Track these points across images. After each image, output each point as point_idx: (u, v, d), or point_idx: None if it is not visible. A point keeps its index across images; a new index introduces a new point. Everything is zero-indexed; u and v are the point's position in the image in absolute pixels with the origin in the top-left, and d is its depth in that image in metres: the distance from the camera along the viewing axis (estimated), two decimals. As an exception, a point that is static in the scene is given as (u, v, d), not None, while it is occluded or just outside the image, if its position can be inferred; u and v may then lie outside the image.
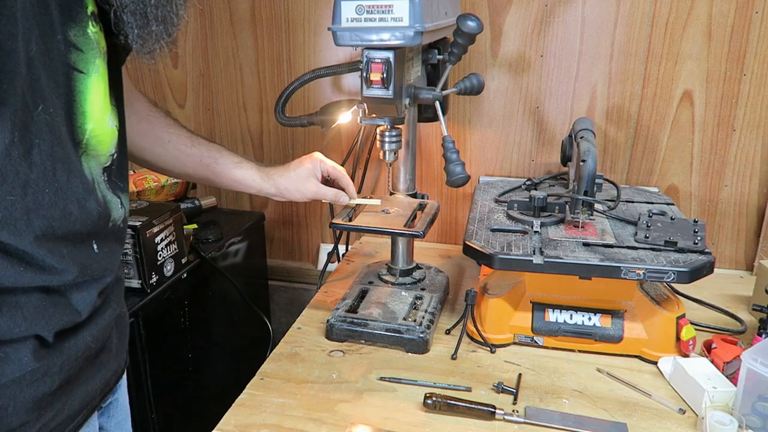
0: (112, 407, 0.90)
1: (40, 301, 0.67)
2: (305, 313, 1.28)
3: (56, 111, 0.63)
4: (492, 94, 1.53)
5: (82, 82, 0.66)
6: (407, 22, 0.93)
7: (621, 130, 1.49)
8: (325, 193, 1.10)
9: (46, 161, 0.62)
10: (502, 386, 1.00)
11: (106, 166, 0.73)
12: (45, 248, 0.64)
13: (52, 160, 0.63)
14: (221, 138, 1.76)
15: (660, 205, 1.26)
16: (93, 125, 0.69)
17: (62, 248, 0.67)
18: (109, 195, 0.74)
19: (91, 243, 0.72)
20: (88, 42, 0.66)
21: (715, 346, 1.06)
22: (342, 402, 0.98)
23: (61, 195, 0.65)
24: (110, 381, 0.83)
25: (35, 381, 0.67)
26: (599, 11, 1.41)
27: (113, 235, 0.76)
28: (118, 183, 0.77)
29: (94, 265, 0.73)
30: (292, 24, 1.61)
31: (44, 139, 0.61)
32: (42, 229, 0.63)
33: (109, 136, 0.73)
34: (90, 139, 0.69)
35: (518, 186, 1.40)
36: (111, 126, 0.73)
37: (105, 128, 0.72)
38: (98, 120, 0.70)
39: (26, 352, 0.66)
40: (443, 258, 1.56)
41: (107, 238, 0.75)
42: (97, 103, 0.69)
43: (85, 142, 0.69)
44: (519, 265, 1.04)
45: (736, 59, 1.37)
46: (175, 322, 1.34)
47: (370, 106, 1.07)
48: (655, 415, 0.95)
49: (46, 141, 0.61)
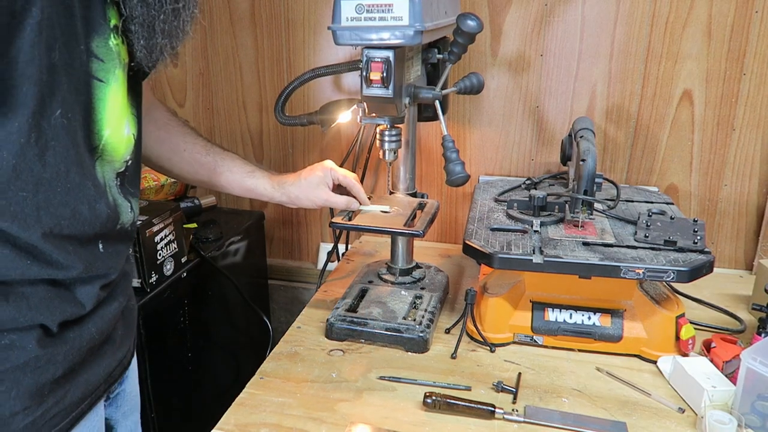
0: (119, 398, 0.91)
1: (46, 293, 0.69)
2: (305, 312, 1.28)
3: (74, 116, 0.65)
4: (492, 94, 1.53)
5: (102, 90, 0.69)
6: (407, 22, 0.93)
7: (621, 130, 1.49)
8: (336, 201, 1.12)
9: (60, 163, 0.64)
10: (501, 385, 1.00)
11: (120, 172, 0.76)
12: (52, 244, 0.66)
13: (66, 163, 0.65)
14: (221, 137, 1.76)
15: (660, 205, 1.26)
16: (110, 132, 0.72)
17: (69, 245, 0.69)
18: (120, 199, 0.77)
19: (97, 243, 0.74)
20: (109, 53, 0.69)
21: (715, 345, 1.06)
22: (342, 401, 0.98)
23: (73, 195, 0.67)
24: (115, 371, 0.85)
25: (38, 368, 0.69)
26: (599, 10, 1.41)
27: (120, 236, 0.79)
28: (130, 189, 0.79)
29: (99, 264, 0.75)
30: (292, 23, 1.61)
31: (60, 141, 0.64)
32: (50, 226, 0.66)
33: (125, 143, 0.76)
34: (106, 145, 0.72)
35: (518, 185, 1.40)
36: (127, 134, 0.76)
37: (121, 135, 0.75)
38: (115, 127, 0.73)
39: (31, 340, 0.68)
40: (443, 257, 1.56)
41: (114, 240, 0.77)
42: (115, 111, 0.72)
43: (101, 147, 0.71)
44: (519, 264, 1.04)
45: (736, 59, 1.37)
46: (174, 321, 1.34)
47: (369, 105, 1.07)
48: (655, 415, 0.95)
49: (61, 143, 0.64)
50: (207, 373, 1.49)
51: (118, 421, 0.92)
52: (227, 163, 1.08)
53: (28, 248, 0.65)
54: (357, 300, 1.23)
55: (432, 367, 1.08)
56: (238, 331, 1.65)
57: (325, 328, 1.17)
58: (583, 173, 1.07)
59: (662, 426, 0.92)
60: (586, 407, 0.97)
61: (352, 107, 1.40)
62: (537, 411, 0.95)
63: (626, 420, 0.93)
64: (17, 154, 0.60)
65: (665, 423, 0.93)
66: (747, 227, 1.48)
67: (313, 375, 1.05)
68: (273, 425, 0.93)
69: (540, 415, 0.94)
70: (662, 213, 1.17)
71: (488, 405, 0.93)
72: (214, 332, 1.53)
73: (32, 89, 0.59)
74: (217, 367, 1.55)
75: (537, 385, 1.02)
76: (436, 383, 1.02)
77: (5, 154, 0.59)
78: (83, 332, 0.75)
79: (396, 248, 1.30)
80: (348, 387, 1.02)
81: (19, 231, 0.64)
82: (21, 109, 0.58)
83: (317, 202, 1.11)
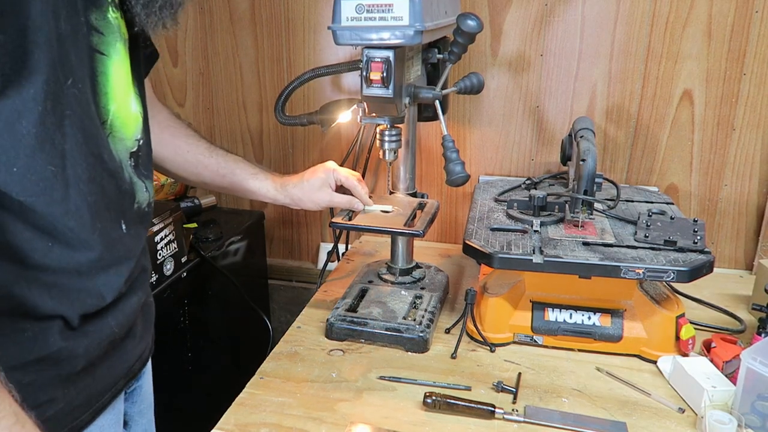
0: (136, 394, 0.92)
1: (67, 281, 0.69)
2: (305, 312, 1.28)
3: (84, 87, 0.66)
4: (492, 94, 1.53)
5: (104, 64, 0.69)
6: (407, 21, 0.93)
7: (621, 130, 1.49)
8: (338, 202, 1.12)
9: (77, 133, 0.65)
10: (501, 385, 1.00)
11: (133, 152, 0.76)
12: (75, 221, 0.67)
13: (83, 134, 0.65)
14: (221, 137, 1.76)
15: (660, 205, 1.26)
16: (116, 107, 0.72)
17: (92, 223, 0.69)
18: (135, 177, 0.77)
19: (119, 222, 0.74)
20: (109, 26, 0.69)
21: (715, 345, 1.06)
22: (342, 401, 0.98)
23: (97, 170, 0.68)
24: (134, 366, 0.86)
25: (62, 360, 0.70)
26: (599, 10, 1.41)
27: (139, 217, 0.79)
28: (143, 170, 0.80)
29: (120, 246, 0.75)
30: (292, 23, 1.61)
31: (75, 111, 0.64)
32: (76, 203, 0.66)
33: (133, 120, 0.76)
34: (114, 120, 0.72)
35: (518, 185, 1.40)
36: (134, 110, 0.76)
37: (128, 111, 0.75)
38: (121, 102, 0.73)
39: (54, 333, 0.69)
40: (443, 257, 1.56)
41: (133, 220, 0.78)
42: (120, 86, 0.72)
43: (109, 123, 0.71)
44: (519, 264, 1.04)
45: (736, 58, 1.37)
46: (174, 321, 1.34)
47: (369, 105, 1.07)
48: (655, 414, 0.95)
49: (76, 114, 0.64)
50: (207, 373, 1.49)
51: (133, 418, 0.93)
52: (230, 165, 1.08)
53: (50, 228, 0.65)
54: (357, 300, 1.23)
55: (432, 367, 1.08)
56: (238, 331, 1.65)
57: (325, 327, 1.17)
58: (583, 173, 1.07)
59: (662, 426, 0.92)
60: (586, 407, 0.97)
61: (352, 107, 1.40)
62: (537, 411, 0.95)
63: (626, 420, 0.93)
64: (37, 122, 0.60)
65: (665, 423, 0.93)
66: (747, 227, 1.48)
67: (313, 375, 1.05)
68: (273, 425, 0.93)
69: (540, 415, 0.94)
70: (662, 213, 1.17)
71: (488, 405, 0.93)
72: (214, 332, 1.53)
73: (44, 56, 0.59)
74: (217, 367, 1.55)
75: (537, 385, 1.02)
76: (436, 383, 1.02)
77: (25, 124, 0.59)
78: (104, 326, 0.75)
79: (396, 248, 1.30)
80: (348, 387, 1.02)
81: (45, 207, 0.63)
82: (35, 76, 0.59)
83: (321, 204, 1.11)
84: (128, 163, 0.76)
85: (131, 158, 0.76)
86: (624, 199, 1.30)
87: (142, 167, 0.79)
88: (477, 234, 1.13)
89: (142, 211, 0.80)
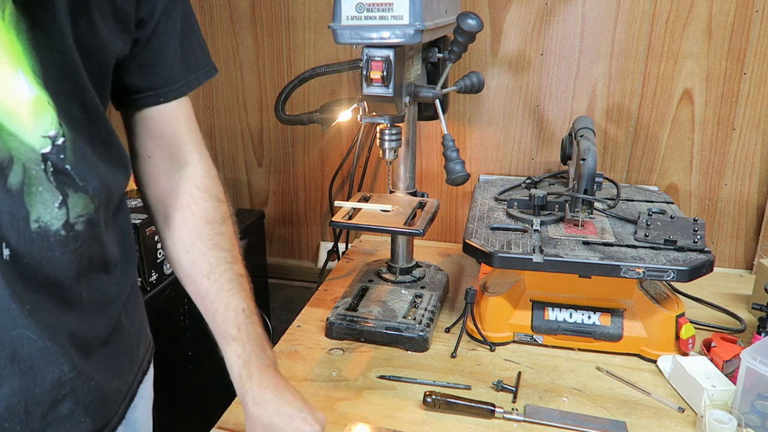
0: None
1: None
2: (305, 311, 1.28)
3: None
4: (492, 93, 1.53)
5: None
6: (407, 21, 0.93)
7: (621, 129, 1.49)
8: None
9: None
10: (501, 384, 1.00)
11: (45, 153, 0.57)
12: None
13: None
14: (221, 136, 1.76)
15: (660, 204, 1.26)
16: None
17: None
18: (41, 188, 0.58)
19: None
20: None
21: (715, 344, 1.06)
22: (341, 400, 0.98)
23: None
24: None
25: None
26: (599, 10, 1.41)
27: (47, 241, 0.59)
28: (76, 178, 0.60)
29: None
30: (292, 22, 1.61)
31: None
32: None
33: (29, 107, 0.56)
34: None
35: (518, 184, 1.40)
36: (29, 94, 0.56)
37: (13, 94, 0.55)
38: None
39: None
40: (443, 256, 1.56)
41: (31, 244, 0.58)
42: None
43: None
44: (519, 263, 1.04)
45: (736, 58, 1.37)
46: (174, 320, 1.34)
47: (370, 104, 1.07)
48: (655, 414, 0.95)
49: None
50: (207, 372, 1.48)
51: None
52: (215, 305, 0.87)
53: None
54: (357, 299, 1.23)
55: (432, 366, 1.08)
56: (238, 330, 1.65)
57: (325, 327, 1.17)
58: (584, 172, 1.07)
59: (662, 425, 0.92)
60: (586, 406, 0.97)
61: (352, 106, 1.40)
62: (537, 410, 0.95)
63: (626, 419, 0.93)
64: None
65: (665, 422, 0.93)
66: (747, 227, 1.48)
67: (313, 374, 1.05)
68: (273, 424, 0.92)
69: (540, 414, 0.94)
70: (662, 212, 1.17)
71: (488, 404, 0.93)
72: (214, 331, 1.52)
73: None
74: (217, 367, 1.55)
75: (537, 385, 1.02)
76: (436, 382, 1.02)
77: None
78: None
79: (396, 247, 1.30)
80: (348, 386, 1.02)
81: None
82: None
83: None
84: (39, 167, 0.57)
85: (43, 162, 0.57)
86: (624, 199, 1.30)
87: (72, 171, 0.60)
88: (477, 233, 1.13)
89: (54, 232, 0.59)
